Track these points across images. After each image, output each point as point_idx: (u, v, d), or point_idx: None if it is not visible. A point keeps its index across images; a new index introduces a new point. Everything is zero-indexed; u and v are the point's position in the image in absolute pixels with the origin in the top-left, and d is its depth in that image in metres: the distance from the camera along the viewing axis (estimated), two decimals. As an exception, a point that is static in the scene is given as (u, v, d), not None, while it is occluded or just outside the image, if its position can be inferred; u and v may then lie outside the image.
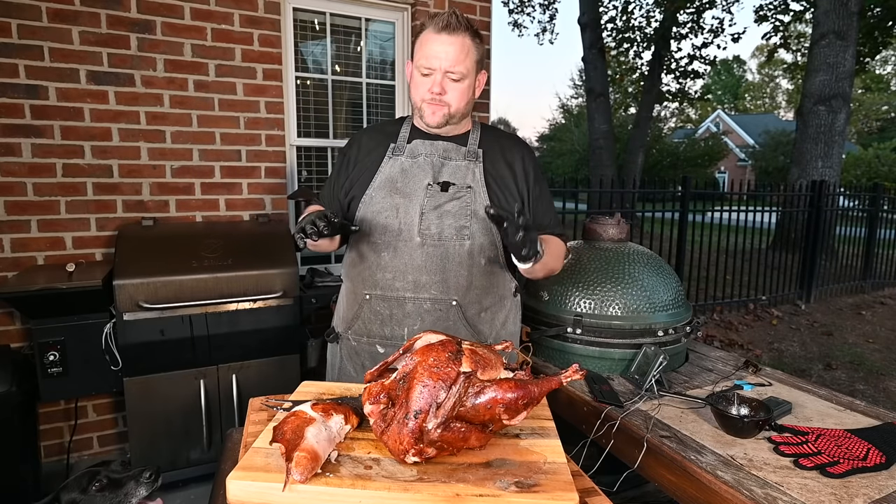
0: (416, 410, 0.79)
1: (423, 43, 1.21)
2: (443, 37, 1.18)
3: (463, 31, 1.19)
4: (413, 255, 1.24)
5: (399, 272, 1.25)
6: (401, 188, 1.26)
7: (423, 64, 1.20)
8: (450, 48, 1.18)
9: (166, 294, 2.02)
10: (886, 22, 10.02)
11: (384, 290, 1.27)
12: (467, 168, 1.28)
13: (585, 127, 18.07)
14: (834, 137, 7.39)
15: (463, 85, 1.22)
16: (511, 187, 1.31)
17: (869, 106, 29.90)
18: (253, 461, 0.81)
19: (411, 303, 1.26)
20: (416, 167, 1.27)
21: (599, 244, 1.86)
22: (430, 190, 1.25)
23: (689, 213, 4.96)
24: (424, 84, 1.22)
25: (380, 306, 1.28)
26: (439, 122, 1.25)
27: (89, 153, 2.30)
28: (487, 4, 3.07)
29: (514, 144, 1.37)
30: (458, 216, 1.24)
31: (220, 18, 2.47)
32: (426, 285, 1.25)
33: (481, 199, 1.26)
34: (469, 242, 1.25)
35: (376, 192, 1.27)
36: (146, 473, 1.15)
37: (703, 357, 1.85)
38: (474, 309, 1.30)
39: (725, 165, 25.86)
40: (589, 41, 11.96)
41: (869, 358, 4.17)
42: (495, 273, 1.31)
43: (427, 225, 1.23)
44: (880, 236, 6.70)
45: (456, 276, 1.25)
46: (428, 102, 1.23)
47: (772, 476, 1.09)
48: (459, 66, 1.19)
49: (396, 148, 1.30)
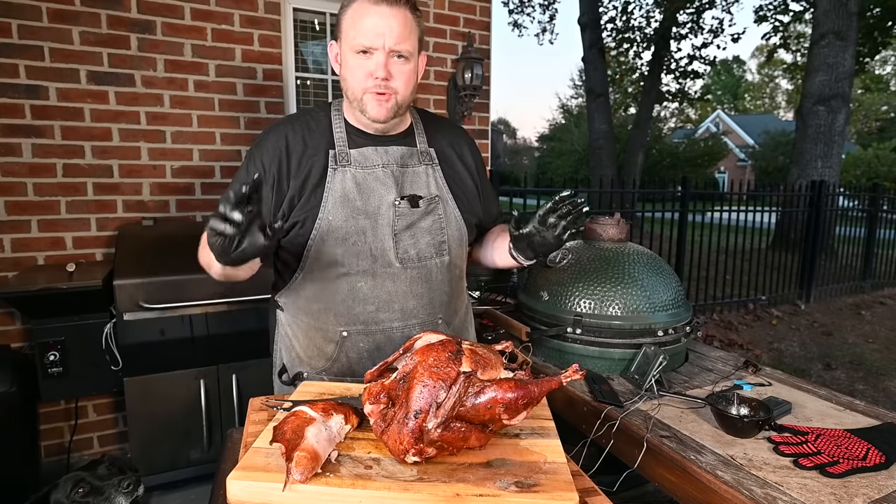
0: (416, 410, 0.79)
1: (357, 16, 0.98)
2: (382, 8, 0.97)
3: (404, 2, 0.99)
4: (396, 281, 1.09)
5: (383, 302, 1.09)
6: (362, 207, 1.06)
7: (359, 42, 0.98)
8: (393, 21, 0.97)
9: (166, 294, 2.02)
10: (886, 22, 10.02)
11: (366, 325, 1.10)
12: (427, 174, 1.13)
13: (585, 127, 18.09)
14: (834, 137, 7.40)
15: (409, 67, 1.03)
16: (469, 186, 1.20)
17: (869, 106, 29.89)
18: (253, 461, 0.81)
19: (399, 331, 1.11)
20: (373, 180, 1.07)
21: (599, 244, 1.86)
22: (399, 207, 1.07)
23: (689, 213, 4.96)
24: (363, 67, 1.00)
25: (363, 342, 1.11)
26: (387, 117, 1.04)
27: (89, 153, 2.30)
28: (487, 4, 3.07)
29: (458, 135, 1.24)
30: (434, 233, 1.11)
31: (220, 18, 2.47)
32: (414, 310, 1.12)
33: (451, 207, 1.14)
34: (448, 258, 1.14)
35: (333, 215, 1.05)
36: (124, 483, 1.15)
37: (702, 357, 1.85)
38: (454, 320, 1.23)
39: (725, 165, 25.87)
40: (589, 41, 11.97)
41: (869, 358, 4.17)
42: (462, 279, 1.25)
43: (404, 248, 1.08)
44: (880, 236, 6.70)
45: (440, 294, 1.15)
46: (371, 93, 1.01)
47: (771, 476, 1.09)
48: (405, 42, 0.99)
49: (339, 155, 1.07)
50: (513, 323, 1.87)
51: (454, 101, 3.02)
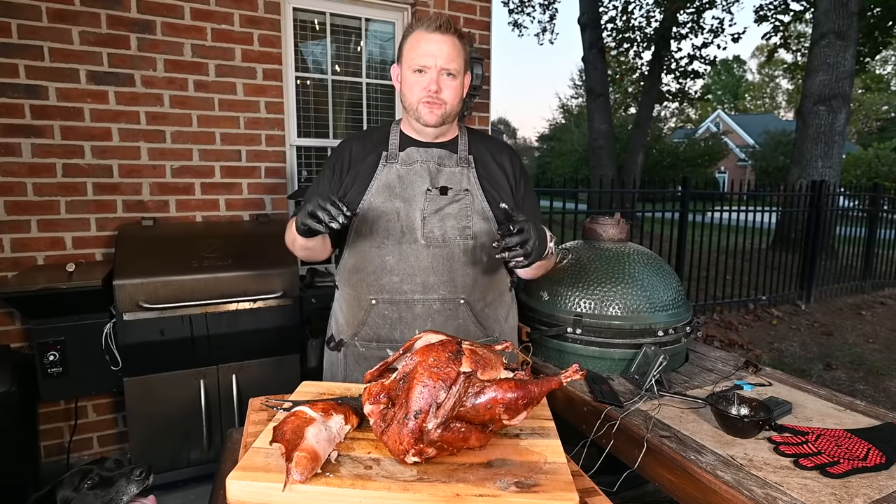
0: (416, 410, 0.79)
1: (415, 43, 1.23)
2: (436, 36, 1.21)
3: (453, 32, 1.23)
4: (419, 257, 1.25)
5: (406, 275, 1.26)
6: (400, 193, 1.27)
7: (417, 62, 1.22)
8: (444, 46, 1.21)
9: (166, 294, 2.02)
10: (886, 22, 10.02)
11: (391, 294, 1.27)
12: (461, 173, 1.31)
13: (585, 127, 18.08)
14: (834, 137, 7.39)
15: (457, 83, 1.25)
16: (504, 187, 1.35)
17: (869, 106, 29.90)
18: (253, 461, 0.81)
19: (420, 304, 1.27)
20: (412, 174, 1.29)
21: (599, 244, 1.86)
22: (430, 195, 1.27)
23: (689, 213, 4.96)
24: (419, 83, 1.23)
25: (388, 310, 1.29)
26: (437, 122, 1.26)
27: (89, 153, 2.30)
28: (487, 4, 3.07)
29: (500, 147, 1.42)
30: (459, 218, 1.27)
31: (220, 18, 2.47)
32: (435, 286, 1.27)
33: (479, 200, 1.30)
34: (472, 242, 1.28)
35: (375, 198, 1.28)
36: (137, 471, 1.15)
37: (703, 357, 1.85)
38: (479, 305, 1.32)
39: (725, 165, 25.86)
40: (589, 41, 11.97)
41: (869, 358, 4.17)
42: (496, 270, 1.34)
43: (430, 228, 1.26)
44: (880, 236, 6.70)
45: (462, 276, 1.28)
46: (424, 102, 1.24)
47: (772, 476, 1.09)
48: (453, 63, 1.22)
49: (389, 156, 1.31)
50: (513, 323, 1.86)
51: (454, 101, 3.01)
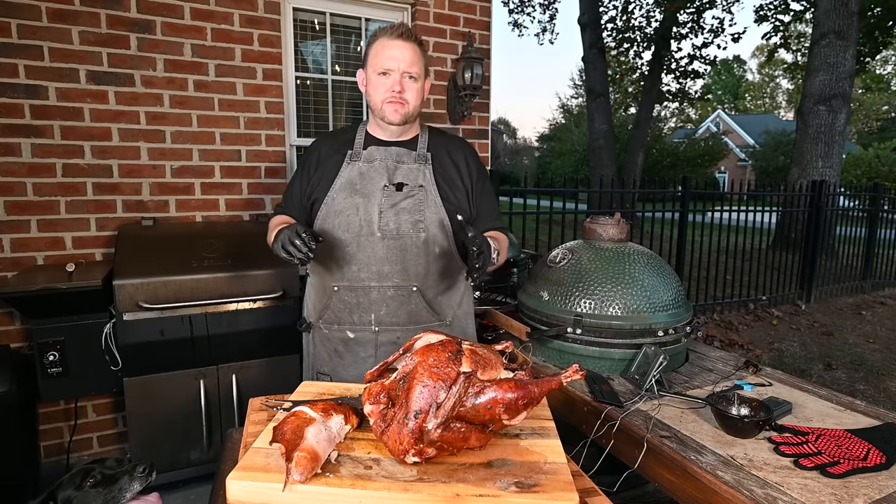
0: (416, 410, 0.79)
1: (379, 49, 1.34)
2: (399, 42, 1.33)
3: (414, 39, 1.35)
4: (375, 248, 1.37)
5: (363, 264, 1.38)
6: (360, 189, 1.38)
7: (382, 66, 1.33)
8: (406, 51, 1.33)
9: (166, 294, 2.02)
10: (886, 22, 10.02)
11: (351, 282, 1.39)
12: (418, 170, 1.41)
13: (585, 127, 18.06)
14: (834, 137, 7.39)
15: (418, 85, 1.37)
16: (458, 184, 1.45)
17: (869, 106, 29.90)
18: (253, 461, 0.81)
19: (376, 291, 1.39)
20: (372, 171, 1.40)
21: (599, 244, 1.86)
22: (387, 190, 1.38)
23: (689, 213, 4.96)
24: (384, 84, 1.34)
25: (347, 296, 1.41)
26: (400, 120, 1.37)
27: (89, 153, 2.30)
28: (487, 4, 3.07)
29: (458, 146, 1.52)
30: (413, 212, 1.38)
31: (219, 18, 2.47)
32: (388, 274, 1.38)
33: (433, 196, 1.40)
34: (424, 235, 1.38)
35: (338, 194, 1.39)
36: (139, 468, 1.15)
37: (703, 357, 1.85)
38: (432, 292, 1.43)
39: (725, 165, 25.85)
40: (589, 41, 11.97)
41: (869, 358, 4.17)
42: (448, 259, 1.44)
43: (386, 222, 1.37)
44: (880, 236, 6.70)
45: (415, 265, 1.39)
46: (389, 101, 1.35)
47: (772, 476, 1.09)
48: (415, 66, 1.34)
49: (354, 154, 1.42)
50: (513, 323, 1.87)
51: (454, 101, 3.02)
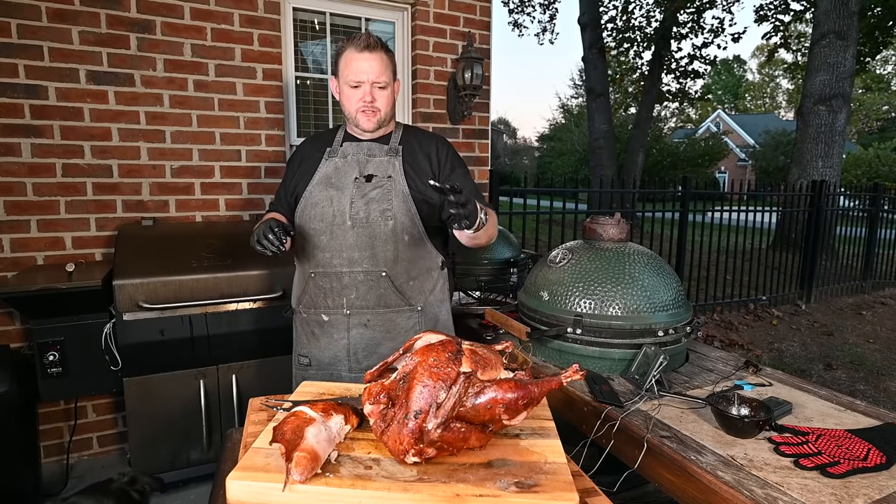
0: (416, 410, 0.79)
1: (348, 61, 1.42)
2: (365, 54, 1.41)
3: (380, 48, 1.42)
4: (346, 236, 1.46)
5: (335, 251, 1.47)
6: (334, 182, 1.49)
7: (352, 79, 1.42)
8: (373, 63, 1.41)
9: (166, 294, 2.02)
10: (887, 22, 10.01)
11: (325, 268, 1.49)
12: (388, 162, 1.50)
13: (585, 127, 18.06)
14: (834, 137, 7.39)
15: (388, 92, 1.46)
16: (427, 172, 1.53)
17: (869, 106, 29.90)
18: (253, 461, 0.81)
19: (347, 276, 1.48)
20: (346, 165, 1.50)
21: (599, 244, 1.86)
22: (357, 182, 1.47)
23: (690, 213, 4.96)
24: (355, 95, 1.44)
25: (322, 281, 1.50)
26: (373, 127, 1.49)
27: (89, 153, 2.30)
28: (487, 4, 3.07)
29: (429, 138, 1.60)
30: (381, 201, 1.46)
31: (219, 18, 2.47)
32: (358, 260, 1.47)
33: (401, 185, 1.48)
34: (392, 223, 1.46)
35: (314, 188, 1.50)
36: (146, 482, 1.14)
37: (703, 357, 1.85)
38: (402, 279, 1.50)
39: (725, 165, 25.85)
40: (589, 41, 11.95)
41: (869, 358, 4.17)
42: (419, 248, 1.51)
43: (356, 211, 1.45)
44: (880, 236, 6.69)
45: (383, 251, 1.46)
46: (361, 111, 1.45)
47: (772, 476, 1.08)
48: (383, 76, 1.43)
49: (331, 151, 1.53)
50: (513, 323, 1.87)
51: (454, 101, 3.01)
